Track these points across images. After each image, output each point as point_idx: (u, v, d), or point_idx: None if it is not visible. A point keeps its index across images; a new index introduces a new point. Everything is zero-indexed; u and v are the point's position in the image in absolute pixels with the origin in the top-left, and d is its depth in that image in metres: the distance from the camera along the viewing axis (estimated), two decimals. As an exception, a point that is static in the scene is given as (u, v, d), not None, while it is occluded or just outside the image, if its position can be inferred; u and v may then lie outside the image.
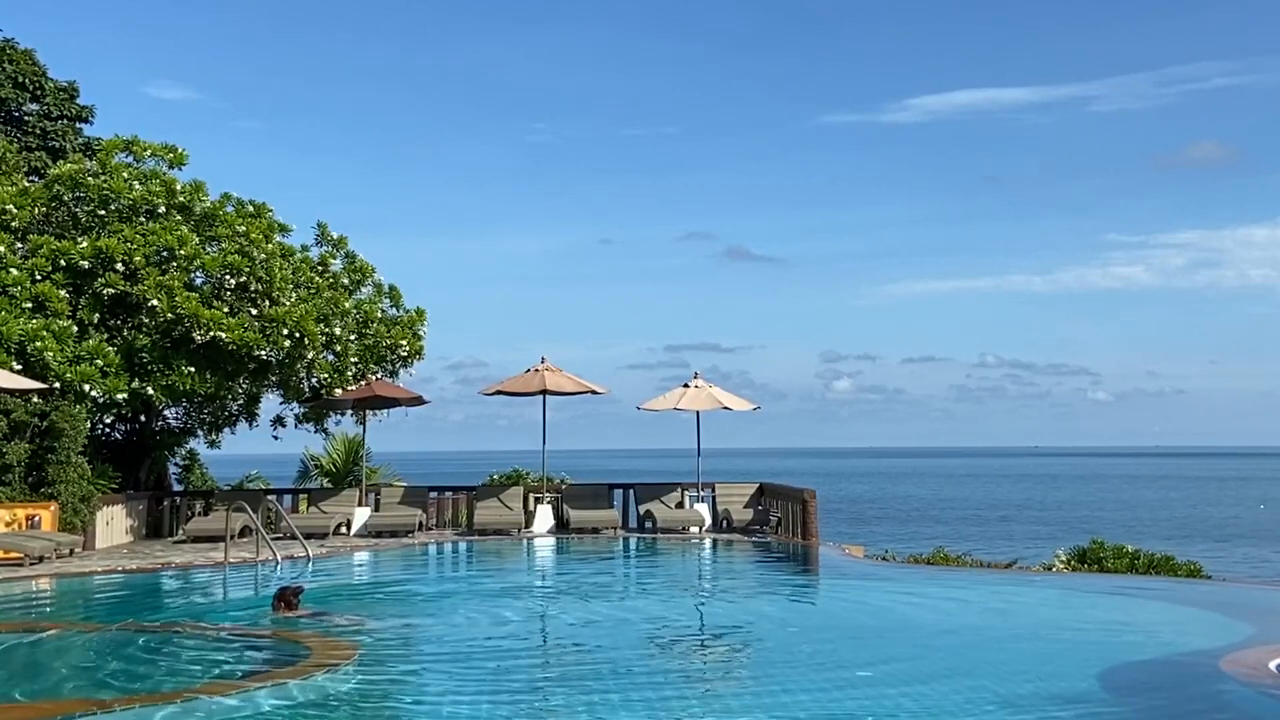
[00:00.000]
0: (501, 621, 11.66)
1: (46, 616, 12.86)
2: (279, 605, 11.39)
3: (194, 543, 18.99)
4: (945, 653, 9.70)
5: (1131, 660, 9.35)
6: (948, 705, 7.62)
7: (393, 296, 23.14)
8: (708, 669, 9.61)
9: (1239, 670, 8.20)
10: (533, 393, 21.23)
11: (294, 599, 11.43)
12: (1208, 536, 48.45)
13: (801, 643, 10.55)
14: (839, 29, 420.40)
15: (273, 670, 8.82)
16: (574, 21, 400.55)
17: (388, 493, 22.01)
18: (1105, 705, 7.91)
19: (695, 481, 21.76)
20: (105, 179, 19.75)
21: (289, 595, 11.46)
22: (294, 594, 11.49)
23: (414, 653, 10.30)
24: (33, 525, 16.86)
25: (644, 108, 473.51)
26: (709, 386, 21.53)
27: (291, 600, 11.41)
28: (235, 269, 19.03)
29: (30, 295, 18.22)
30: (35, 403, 17.69)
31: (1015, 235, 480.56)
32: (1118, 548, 18.00)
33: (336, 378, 20.98)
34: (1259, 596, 14.69)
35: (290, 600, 11.40)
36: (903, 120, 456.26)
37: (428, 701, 8.19)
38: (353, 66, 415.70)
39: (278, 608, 11.37)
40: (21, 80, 25.57)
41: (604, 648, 10.32)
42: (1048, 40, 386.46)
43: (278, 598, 11.50)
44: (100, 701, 7.39)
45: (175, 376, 18.64)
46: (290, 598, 11.43)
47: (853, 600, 13.61)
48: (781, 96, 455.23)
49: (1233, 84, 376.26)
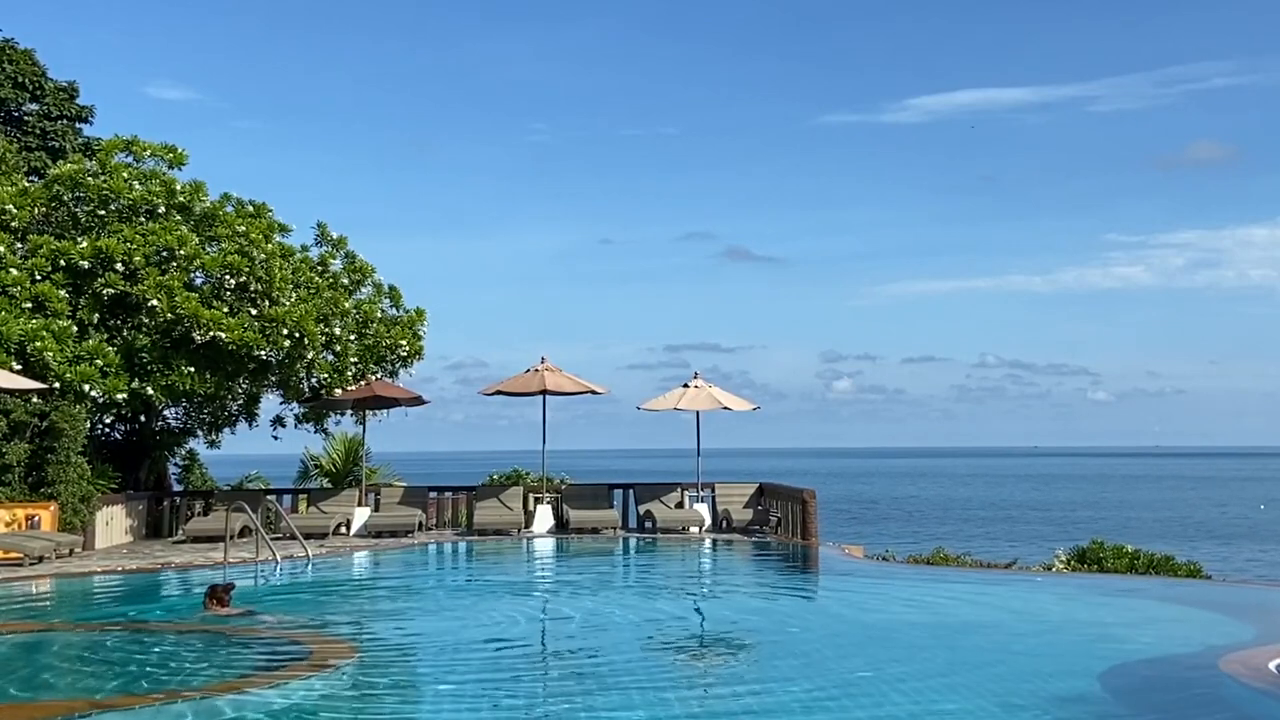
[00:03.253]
0: (501, 622, 11.66)
1: (45, 617, 12.88)
2: (210, 603, 11.37)
3: (194, 543, 18.98)
4: (945, 653, 9.70)
5: (1131, 660, 9.34)
6: (948, 705, 7.62)
7: (393, 296, 23.14)
8: (707, 669, 9.60)
9: (1239, 670, 8.20)
10: (533, 393, 21.23)
11: (225, 596, 11.41)
12: (1211, 537, 48.45)
13: (801, 643, 10.55)
14: (839, 29, 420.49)
15: (273, 671, 8.83)
16: (574, 21, 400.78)
17: (387, 493, 22.01)
18: (1105, 705, 7.90)
19: (695, 481, 21.76)
20: (105, 179, 19.75)
21: (220, 593, 11.44)
22: (225, 591, 11.48)
23: (414, 652, 10.30)
24: (33, 525, 16.85)
25: (644, 108, 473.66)
26: (709, 386, 21.53)
27: (223, 597, 11.39)
28: (235, 269, 19.02)
29: (30, 295, 18.21)
30: (35, 403, 17.69)
31: (1015, 235, 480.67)
32: (1117, 548, 18.00)
33: (336, 378, 20.98)
34: (1259, 596, 14.69)
35: (222, 598, 11.38)
36: (903, 120, 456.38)
37: (428, 702, 8.19)
38: (353, 66, 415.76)
39: (209, 605, 11.35)
40: (21, 80, 25.58)
41: (603, 648, 10.32)
42: (1048, 40, 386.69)
43: (209, 595, 11.48)
44: (100, 702, 7.40)
45: (175, 376, 18.64)
46: (222, 595, 11.41)
47: (852, 600, 13.61)
48: (782, 96, 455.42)
49: (1233, 84, 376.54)
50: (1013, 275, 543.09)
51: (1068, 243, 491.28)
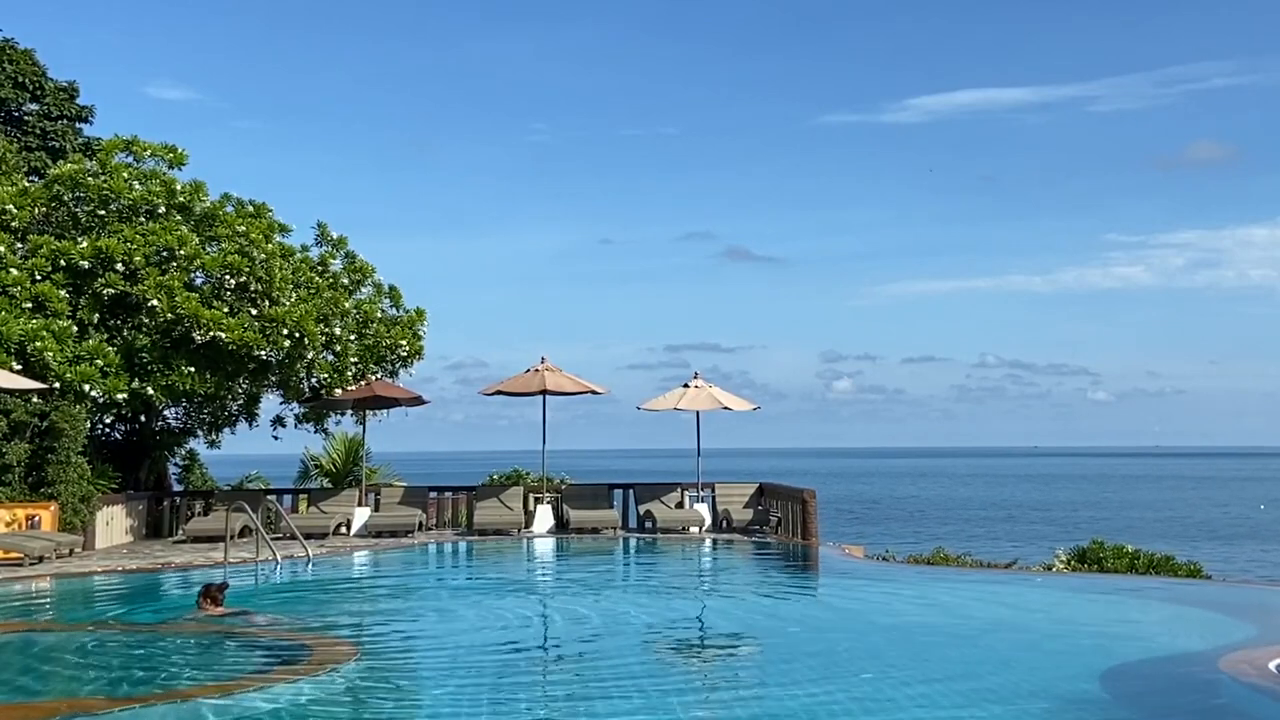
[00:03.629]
0: (501, 622, 11.65)
1: (45, 617, 12.87)
2: (205, 602, 11.25)
3: (194, 543, 18.98)
4: (945, 653, 9.69)
5: (1131, 660, 9.34)
6: (948, 705, 7.61)
7: (393, 296, 23.15)
8: (707, 669, 9.60)
9: (1239, 670, 8.19)
10: (533, 393, 21.23)
11: (219, 595, 11.29)
12: (1213, 537, 48.41)
13: (801, 643, 10.55)
14: (839, 29, 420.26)
15: (273, 671, 8.82)
16: (574, 21, 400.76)
17: (388, 493, 22.01)
18: (1105, 705, 7.90)
19: (695, 481, 21.75)
20: (105, 179, 19.75)
21: (214, 592, 11.31)
22: (219, 590, 11.36)
23: (414, 653, 10.30)
24: (33, 525, 16.85)
25: (644, 108, 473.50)
26: (709, 386, 21.53)
27: (217, 596, 11.27)
28: (235, 269, 19.02)
29: (30, 295, 18.21)
30: (35, 403, 17.68)
31: (1015, 235, 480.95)
32: (1117, 548, 17.98)
33: (336, 378, 20.98)
34: (1259, 596, 14.67)
35: (215, 596, 11.26)
36: (903, 120, 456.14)
37: (427, 702, 8.18)
38: (353, 66, 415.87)
39: (203, 605, 11.24)
40: (21, 80, 25.58)
41: (603, 648, 10.32)
42: (1048, 40, 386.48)
43: (203, 594, 11.34)
44: (100, 701, 7.39)
45: (175, 376, 18.63)
46: (216, 594, 11.28)
47: (853, 600, 13.61)
48: (782, 96, 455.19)
49: (1233, 84, 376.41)
50: (1013, 275, 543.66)
51: (1068, 243, 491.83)
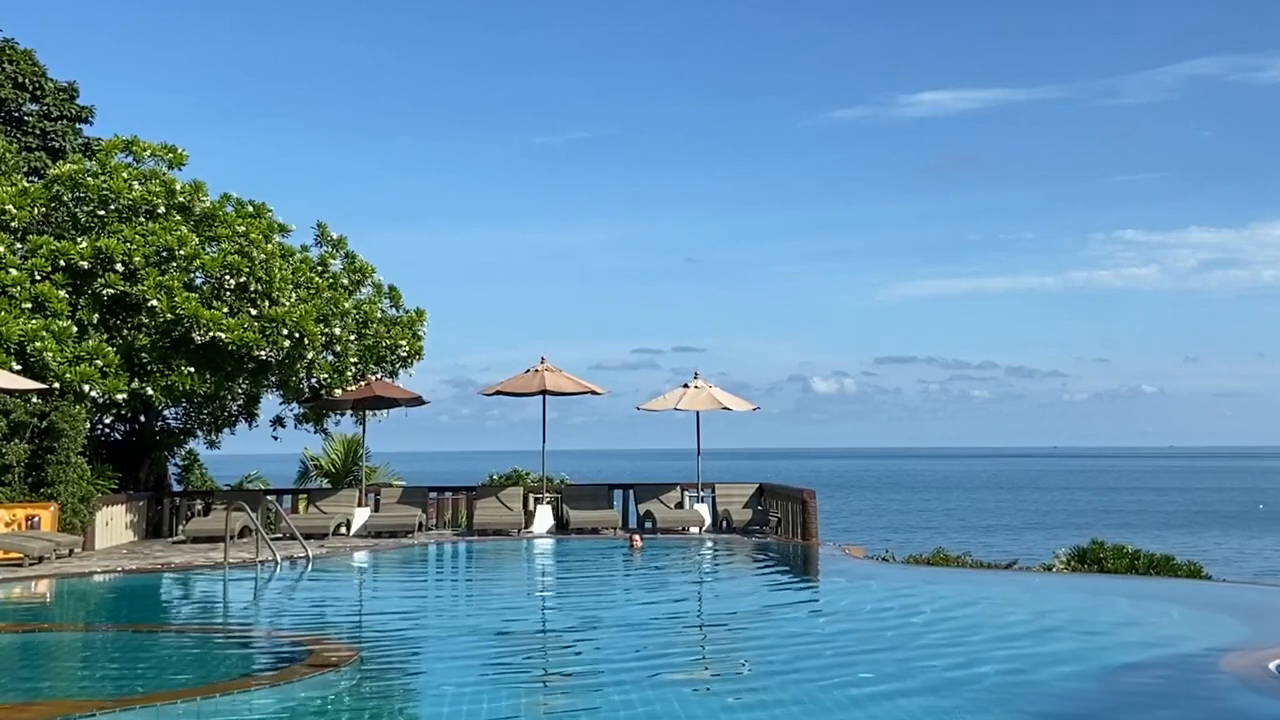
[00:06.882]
0: (501, 622, 11.65)
1: (44, 617, 12.87)
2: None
3: (194, 543, 18.97)
4: (945, 653, 9.69)
5: (1131, 660, 9.34)
6: (948, 705, 7.61)
7: (392, 297, 23.16)
8: (707, 669, 9.59)
9: (1239, 670, 8.20)
10: (532, 393, 21.23)
11: None
12: (1213, 537, 48.39)
13: (802, 643, 10.55)
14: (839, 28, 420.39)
15: (272, 671, 8.82)
16: (574, 22, 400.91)
17: (387, 493, 22.01)
18: (1105, 706, 7.90)
19: (695, 481, 21.75)
20: (105, 179, 19.75)
21: None
22: None
23: (414, 653, 10.30)
24: (32, 525, 16.85)
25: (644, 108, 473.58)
26: (709, 387, 21.53)
27: None
28: (235, 269, 19.02)
29: (30, 295, 18.21)
30: (35, 403, 17.68)
31: (1015, 235, 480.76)
32: (1118, 548, 17.97)
33: (336, 378, 20.98)
34: (1259, 596, 14.69)
35: None
36: (902, 119, 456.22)
37: (427, 702, 8.19)
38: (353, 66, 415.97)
39: None
40: (21, 80, 25.58)
41: (603, 648, 10.31)
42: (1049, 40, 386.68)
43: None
44: (100, 702, 7.38)
45: (175, 377, 18.63)
46: None
47: (853, 600, 13.60)
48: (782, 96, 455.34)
49: (1240, 80, 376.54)
50: (1014, 275, 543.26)
51: (1069, 243, 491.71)
